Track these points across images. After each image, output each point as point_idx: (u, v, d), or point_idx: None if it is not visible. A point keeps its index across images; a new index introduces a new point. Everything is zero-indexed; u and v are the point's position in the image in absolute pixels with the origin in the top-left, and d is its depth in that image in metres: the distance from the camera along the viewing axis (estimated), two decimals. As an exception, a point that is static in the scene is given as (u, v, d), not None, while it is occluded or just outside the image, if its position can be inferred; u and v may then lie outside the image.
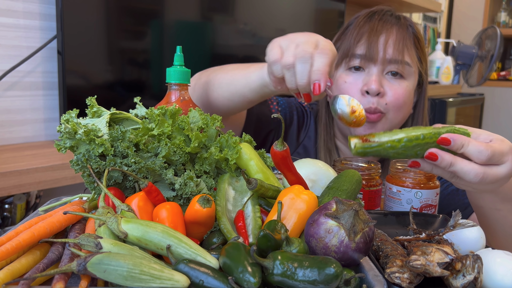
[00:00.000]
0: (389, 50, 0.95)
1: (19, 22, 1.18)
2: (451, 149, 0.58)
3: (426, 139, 0.58)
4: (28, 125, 1.24)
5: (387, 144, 0.58)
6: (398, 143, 0.58)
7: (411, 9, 2.84)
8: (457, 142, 0.58)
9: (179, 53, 0.72)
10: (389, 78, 0.97)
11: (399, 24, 0.98)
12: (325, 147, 1.06)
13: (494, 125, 3.89)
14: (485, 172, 0.59)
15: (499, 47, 2.91)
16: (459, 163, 0.58)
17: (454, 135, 0.58)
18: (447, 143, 0.58)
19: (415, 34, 1.00)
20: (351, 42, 0.97)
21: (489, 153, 0.58)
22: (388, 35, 0.95)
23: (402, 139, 0.58)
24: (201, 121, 0.63)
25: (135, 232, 0.49)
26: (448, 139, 0.58)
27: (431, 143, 0.58)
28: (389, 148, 0.58)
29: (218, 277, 0.45)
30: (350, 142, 0.60)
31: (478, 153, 0.58)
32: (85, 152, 0.57)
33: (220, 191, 0.60)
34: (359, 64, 0.97)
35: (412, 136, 0.58)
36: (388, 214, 0.72)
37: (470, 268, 0.49)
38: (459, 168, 0.58)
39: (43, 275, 0.44)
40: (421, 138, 0.58)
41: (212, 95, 0.88)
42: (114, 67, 1.29)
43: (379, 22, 0.97)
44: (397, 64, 0.95)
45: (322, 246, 0.49)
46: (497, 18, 4.03)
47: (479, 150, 0.58)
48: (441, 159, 0.58)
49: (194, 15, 1.48)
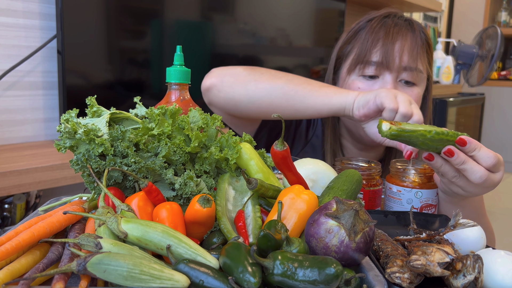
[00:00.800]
0: (404, 57, 0.95)
1: (19, 21, 1.18)
2: (464, 150, 0.66)
3: (449, 136, 0.65)
4: (27, 125, 1.23)
5: (419, 132, 0.63)
6: (429, 133, 0.64)
7: (412, 9, 2.84)
8: (472, 144, 0.66)
9: (179, 52, 0.72)
10: (401, 85, 0.97)
11: (413, 30, 0.98)
12: (331, 149, 1.06)
13: (494, 125, 3.89)
14: (488, 175, 0.67)
15: (499, 47, 2.91)
16: (470, 163, 0.66)
17: (470, 138, 0.66)
18: (463, 144, 0.65)
19: (426, 40, 1.00)
20: (367, 48, 0.96)
21: (495, 160, 0.66)
22: (403, 42, 0.95)
23: (432, 131, 0.64)
24: (201, 120, 0.63)
25: (135, 232, 0.49)
26: (465, 140, 0.65)
27: (451, 141, 0.65)
28: (420, 136, 0.64)
29: (218, 277, 0.45)
30: (382, 125, 0.64)
31: (487, 158, 0.66)
32: (85, 152, 0.57)
33: (220, 191, 0.60)
34: (374, 73, 0.96)
35: (439, 130, 0.64)
36: (388, 214, 0.72)
37: (471, 268, 0.49)
38: (470, 167, 0.66)
39: (43, 275, 0.44)
40: (446, 133, 0.64)
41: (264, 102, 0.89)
42: (114, 67, 1.29)
43: (394, 27, 0.97)
44: (411, 72, 0.96)
45: (323, 246, 0.49)
46: (498, 18, 4.03)
47: (488, 156, 0.66)
48: (457, 156, 0.65)
49: (194, 14, 1.48)
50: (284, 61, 1.83)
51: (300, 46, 1.85)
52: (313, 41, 1.89)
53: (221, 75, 0.93)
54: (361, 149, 1.07)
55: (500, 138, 3.88)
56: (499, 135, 3.90)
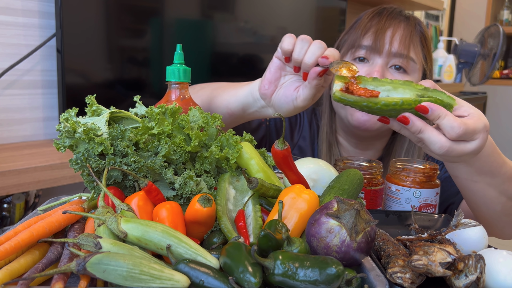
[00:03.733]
0: (395, 43, 0.96)
1: (18, 20, 1.18)
2: (428, 118, 0.59)
3: (404, 105, 0.59)
4: (27, 124, 1.23)
5: (364, 102, 0.59)
6: (375, 104, 0.59)
7: (413, 7, 2.83)
8: (435, 112, 0.58)
9: (179, 51, 0.72)
10: (392, 71, 0.97)
11: (407, 21, 0.99)
12: (327, 140, 1.06)
13: (496, 124, 3.88)
14: (450, 146, 0.59)
15: (501, 45, 2.90)
16: (428, 132, 0.59)
17: (433, 105, 0.58)
18: (424, 112, 0.58)
19: (422, 32, 1.00)
20: (358, 34, 0.99)
21: (460, 130, 0.58)
22: (395, 30, 0.97)
23: (380, 102, 0.58)
24: (202, 120, 0.63)
25: (135, 231, 0.48)
26: (427, 108, 0.58)
27: (408, 109, 0.59)
28: (364, 107, 0.59)
29: (219, 277, 0.44)
30: (333, 84, 0.60)
31: (450, 129, 0.59)
32: (84, 151, 0.57)
33: (221, 190, 0.60)
34: (364, 55, 0.98)
35: (390, 101, 0.58)
36: (390, 214, 0.72)
37: (473, 268, 0.48)
38: (427, 137, 0.60)
39: (42, 275, 0.44)
40: (400, 103, 0.58)
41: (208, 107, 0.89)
42: (114, 66, 1.28)
43: (387, 17, 0.98)
44: (402, 58, 0.96)
45: (324, 246, 0.49)
46: (500, 16, 4.02)
47: (452, 125, 0.58)
48: (412, 124, 0.59)
49: (195, 13, 1.47)
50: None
51: (301, 45, 1.84)
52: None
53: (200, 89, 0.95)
54: (356, 145, 1.07)
55: (502, 136, 3.88)
56: (501, 133, 3.89)
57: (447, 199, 0.97)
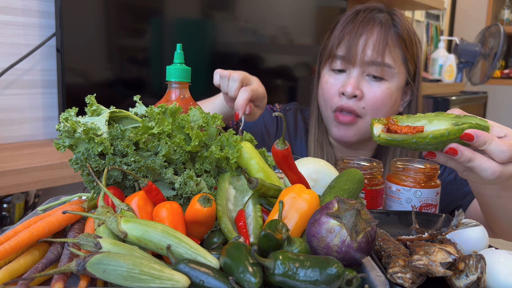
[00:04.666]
0: (368, 51, 0.95)
1: (18, 19, 1.18)
2: (472, 145, 0.58)
3: (450, 135, 0.58)
4: (26, 124, 1.23)
5: (413, 139, 0.58)
6: (423, 139, 0.58)
7: (414, 7, 2.83)
8: (480, 139, 0.57)
9: (179, 51, 0.72)
10: (369, 80, 0.98)
11: (381, 25, 0.97)
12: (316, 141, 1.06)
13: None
14: (502, 170, 0.59)
15: (502, 45, 2.90)
16: (478, 160, 0.58)
17: (477, 131, 0.58)
18: (470, 140, 0.58)
19: (399, 33, 0.98)
20: (334, 43, 1.00)
21: (510, 153, 0.58)
22: (368, 37, 0.96)
23: (428, 136, 0.57)
24: (202, 119, 0.63)
25: (135, 231, 0.48)
26: (472, 135, 0.57)
27: (453, 139, 0.58)
28: (413, 144, 0.58)
29: (219, 277, 0.44)
30: (373, 127, 0.59)
31: (500, 152, 0.58)
32: (84, 151, 0.57)
33: (221, 190, 0.60)
34: (340, 67, 0.99)
35: (437, 134, 0.58)
36: (390, 214, 0.71)
37: (473, 268, 0.48)
38: (477, 165, 0.58)
39: (42, 275, 0.44)
40: (446, 135, 0.58)
41: None
42: (114, 65, 1.28)
43: (360, 23, 0.98)
44: (376, 66, 0.96)
45: (324, 246, 0.48)
46: (501, 16, 4.02)
47: (501, 149, 0.58)
48: (461, 155, 0.58)
49: (195, 12, 1.47)
50: (285, 59, 1.82)
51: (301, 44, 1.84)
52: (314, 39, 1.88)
53: None
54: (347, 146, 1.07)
55: (502, 136, 3.87)
56: (501, 133, 3.89)
57: (453, 202, 0.97)
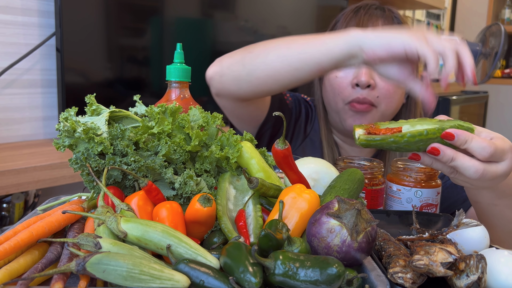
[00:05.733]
0: None
1: (18, 19, 1.18)
2: (454, 144, 0.59)
3: (429, 134, 0.58)
4: (26, 123, 1.23)
5: (390, 138, 0.59)
6: (401, 138, 0.59)
7: (414, 6, 2.83)
8: (461, 137, 0.58)
9: (179, 50, 0.72)
10: None
11: (384, 16, 0.99)
12: (326, 140, 1.07)
13: (498, 123, 3.88)
14: (485, 169, 0.59)
15: (503, 45, 2.90)
16: (461, 159, 0.59)
17: (458, 131, 0.58)
18: (450, 138, 0.58)
19: (401, 24, 1.01)
20: None
21: (491, 150, 0.58)
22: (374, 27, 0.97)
23: (406, 135, 0.58)
24: (202, 119, 0.63)
25: (135, 231, 0.48)
26: (452, 134, 0.58)
27: (434, 138, 0.59)
28: (392, 143, 0.59)
29: (219, 277, 0.44)
30: (355, 132, 0.61)
31: (481, 150, 0.58)
32: (84, 151, 0.57)
33: (221, 190, 0.59)
34: None
35: (415, 132, 0.59)
36: (391, 214, 0.71)
37: (474, 268, 0.48)
38: (460, 164, 0.59)
39: (41, 275, 0.44)
40: (425, 134, 0.58)
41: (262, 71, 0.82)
42: (114, 65, 1.28)
43: (364, 16, 0.98)
44: None
45: (324, 245, 0.48)
46: (501, 15, 4.01)
47: (482, 146, 0.58)
48: (443, 154, 0.59)
49: (195, 12, 1.47)
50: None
51: (301, 44, 1.84)
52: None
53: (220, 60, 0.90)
54: (352, 144, 1.08)
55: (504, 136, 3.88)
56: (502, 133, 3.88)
57: (452, 206, 0.97)
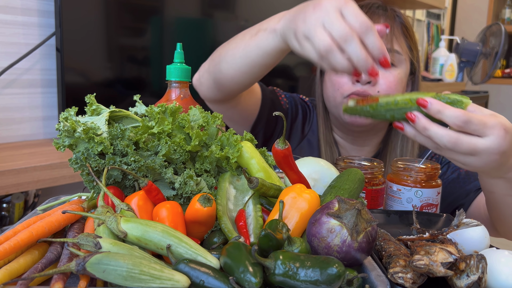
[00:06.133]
0: None
1: (17, 18, 1.18)
2: (428, 112, 0.59)
3: (399, 104, 0.61)
4: (26, 123, 1.23)
5: (366, 107, 0.64)
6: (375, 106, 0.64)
7: (415, 6, 2.82)
8: (433, 106, 0.58)
9: (180, 50, 0.72)
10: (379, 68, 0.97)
11: (386, 15, 1.00)
12: (324, 140, 1.07)
13: (497, 123, 3.87)
14: (458, 137, 0.58)
15: (503, 44, 2.90)
16: (434, 127, 0.59)
17: (431, 99, 0.59)
18: (424, 106, 0.59)
19: (402, 23, 1.01)
20: None
21: (465, 118, 0.57)
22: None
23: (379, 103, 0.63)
24: (202, 119, 0.62)
25: (135, 231, 0.48)
26: (426, 101, 0.59)
27: (407, 108, 0.61)
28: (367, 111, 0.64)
29: (219, 277, 0.44)
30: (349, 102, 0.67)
31: (454, 118, 0.58)
32: (84, 151, 0.56)
33: (221, 190, 0.59)
34: None
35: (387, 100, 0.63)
36: (391, 214, 0.71)
37: (474, 268, 0.48)
38: (434, 133, 0.59)
39: (41, 275, 0.44)
40: (394, 103, 0.62)
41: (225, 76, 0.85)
42: (114, 65, 1.28)
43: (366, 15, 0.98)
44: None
45: (324, 245, 0.48)
46: (502, 15, 4.02)
47: (455, 115, 0.58)
48: (418, 121, 0.60)
49: (195, 11, 1.47)
50: (285, 58, 1.82)
51: (301, 44, 1.84)
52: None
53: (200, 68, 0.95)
54: (352, 142, 1.07)
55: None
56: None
57: (455, 200, 0.96)
